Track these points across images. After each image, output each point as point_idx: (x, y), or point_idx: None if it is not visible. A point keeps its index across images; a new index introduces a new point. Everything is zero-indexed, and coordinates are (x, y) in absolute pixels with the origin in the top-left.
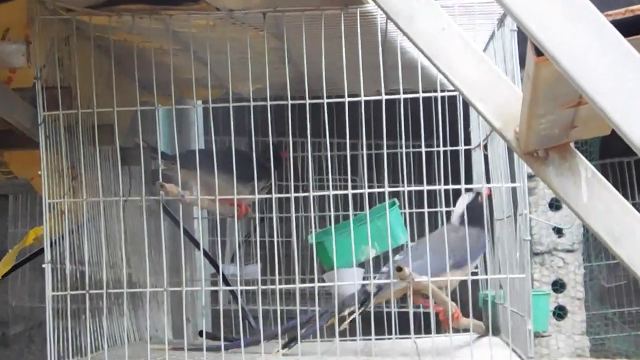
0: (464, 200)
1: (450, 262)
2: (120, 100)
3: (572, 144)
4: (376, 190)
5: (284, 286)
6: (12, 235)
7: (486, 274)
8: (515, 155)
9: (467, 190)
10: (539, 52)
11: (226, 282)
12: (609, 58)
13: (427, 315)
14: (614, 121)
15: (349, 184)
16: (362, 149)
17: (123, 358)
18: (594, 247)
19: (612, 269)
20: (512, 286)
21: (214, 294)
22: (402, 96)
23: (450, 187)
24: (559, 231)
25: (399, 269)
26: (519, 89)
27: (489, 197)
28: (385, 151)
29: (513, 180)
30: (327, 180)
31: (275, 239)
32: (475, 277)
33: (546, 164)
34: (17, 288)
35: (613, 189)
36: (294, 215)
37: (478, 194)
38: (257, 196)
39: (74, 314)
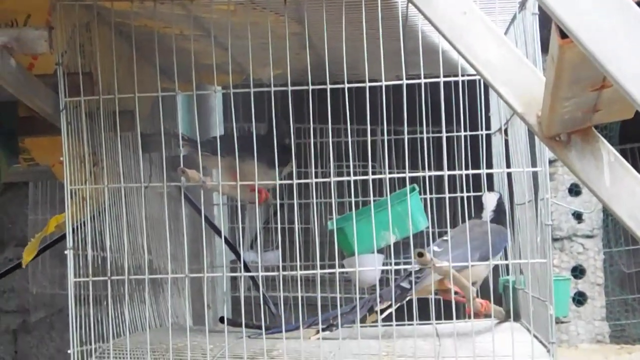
0: (493, 198)
1: (478, 255)
2: (141, 86)
3: (594, 128)
4: (396, 175)
5: (304, 272)
6: (32, 222)
7: (506, 259)
8: (536, 140)
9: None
10: (563, 35)
11: (247, 269)
12: (634, 40)
13: (447, 301)
14: (639, 103)
15: (369, 169)
16: (381, 135)
17: (145, 343)
18: (613, 232)
19: (632, 255)
20: (532, 271)
21: (234, 281)
22: (422, 81)
23: (471, 172)
24: (578, 217)
25: (420, 255)
26: (541, 72)
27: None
28: (405, 137)
29: (534, 164)
30: (347, 167)
31: (295, 226)
32: (495, 262)
33: (568, 148)
34: (37, 275)
35: (636, 173)
36: (314, 200)
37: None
38: (277, 182)
39: (95, 301)
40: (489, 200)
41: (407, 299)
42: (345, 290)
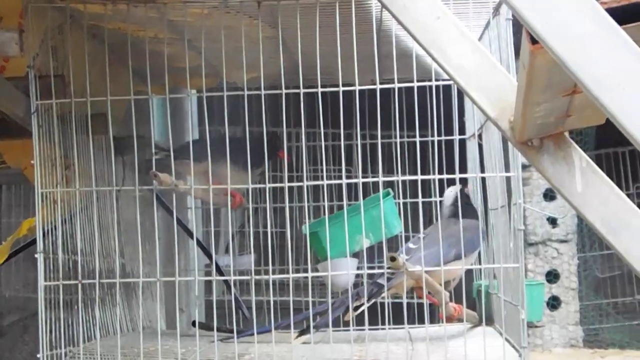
0: (451, 193)
1: (453, 252)
2: (115, 89)
3: (566, 134)
4: (370, 179)
5: (277, 276)
6: (5, 225)
7: (480, 264)
8: (510, 145)
9: (461, 180)
10: (534, 41)
11: (220, 272)
12: (604, 46)
13: (420, 305)
14: (608, 110)
15: (343, 174)
16: (356, 139)
17: (116, 347)
18: (588, 237)
19: (606, 260)
20: (505, 276)
21: (208, 285)
22: (396, 85)
23: (445, 176)
24: (553, 222)
25: (392, 259)
26: (514, 78)
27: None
28: (379, 141)
29: (507, 169)
30: (322, 171)
31: (269, 230)
32: (468, 267)
33: (541, 153)
34: (11, 278)
35: (607, 179)
36: (287, 205)
37: (463, 185)
38: (250, 185)
39: (66, 305)
40: (447, 196)
41: (382, 294)
42: (319, 294)
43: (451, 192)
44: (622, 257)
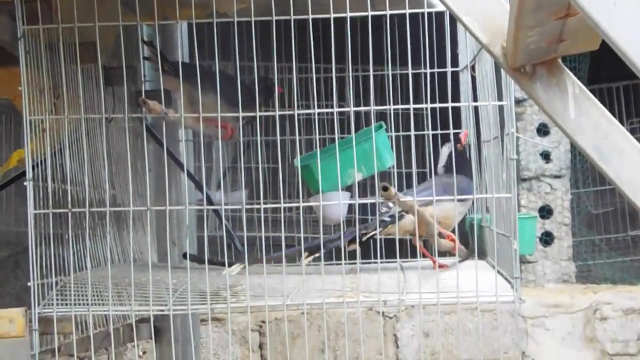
0: (445, 151)
1: (446, 195)
2: (103, 18)
3: (559, 60)
4: (362, 108)
5: (269, 206)
6: None
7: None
8: (503, 74)
9: (455, 138)
10: None
11: (211, 204)
12: None
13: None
14: (601, 29)
15: (335, 104)
16: (348, 71)
17: (107, 277)
18: (581, 173)
19: (600, 196)
20: (498, 208)
21: (200, 221)
22: (388, 12)
23: (437, 105)
24: (546, 157)
25: (385, 188)
26: (507, 3)
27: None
28: (371, 73)
29: (500, 100)
30: (314, 105)
31: (260, 165)
32: (461, 197)
33: (533, 79)
34: (2, 213)
35: (601, 105)
36: (279, 137)
37: (457, 141)
38: (241, 114)
39: (57, 237)
40: (441, 155)
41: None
42: (312, 230)
43: (445, 151)
44: (613, 182)
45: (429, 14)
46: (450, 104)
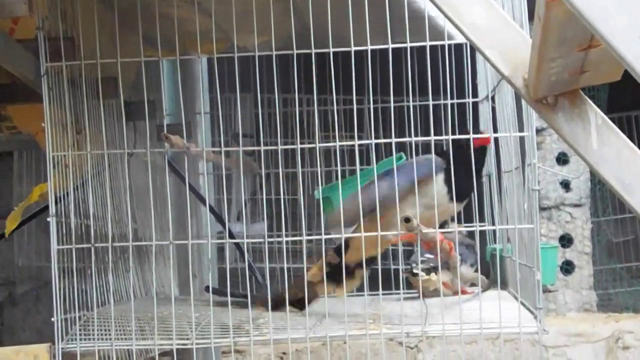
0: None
1: (404, 179)
2: (124, 54)
3: (581, 91)
4: (383, 140)
5: (290, 238)
6: (17, 193)
7: (494, 225)
8: (524, 105)
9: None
10: None
11: (232, 237)
12: None
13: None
14: (627, 61)
15: (356, 137)
16: (368, 103)
17: (129, 312)
18: (601, 201)
19: (620, 224)
20: (520, 238)
21: (220, 253)
22: (409, 44)
23: (458, 137)
24: (566, 186)
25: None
26: (528, 35)
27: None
28: (392, 105)
29: (521, 130)
30: (334, 138)
31: (281, 196)
32: (482, 228)
33: (555, 110)
34: (23, 247)
35: (623, 135)
36: (299, 169)
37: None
38: (262, 147)
39: (79, 271)
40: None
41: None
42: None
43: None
44: (637, 214)
45: (449, 45)
46: (472, 136)
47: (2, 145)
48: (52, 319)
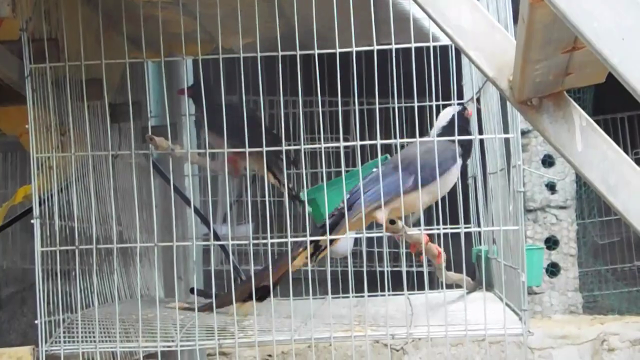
0: (450, 111)
1: (412, 180)
2: (109, 55)
3: (565, 93)
4: (368, 142)
5: (276, 240)
6: (2, 195)
7: (479, 226)
8: (509, 107)
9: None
10: None
11: (217, 239)
12: None
13: (420, 273)
14: (611, 64)
15: (341, 138)
16: (354, 105)
17: (114, 314)
18: (587, 203)
19: (605, 226)
20: (505, 240)
21: (206, 255)
22: (394, 46)
23: (443, 138)
24: (552, 188)
25: (392, 222)
26: (513, 37)
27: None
28: (377, 106)
29: (506, 132)
30: (319, 140)
31: (267, 198)
32: (468, 230)
33: (540, 112)
34: (8, 250)
35: (607, 137)
36: (285, 171)
37: (464, 107)
38: (247, 149)
39: (64, 273)
40: (443, 116)
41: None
42: (319, 262)
43: (448, 113)
44: (621, 214)
45: (434, 47)
46: (456, 137)
47: None
48: (36, 322)
